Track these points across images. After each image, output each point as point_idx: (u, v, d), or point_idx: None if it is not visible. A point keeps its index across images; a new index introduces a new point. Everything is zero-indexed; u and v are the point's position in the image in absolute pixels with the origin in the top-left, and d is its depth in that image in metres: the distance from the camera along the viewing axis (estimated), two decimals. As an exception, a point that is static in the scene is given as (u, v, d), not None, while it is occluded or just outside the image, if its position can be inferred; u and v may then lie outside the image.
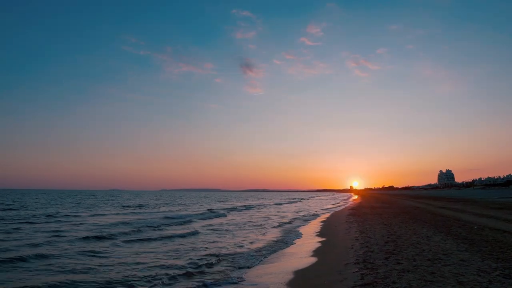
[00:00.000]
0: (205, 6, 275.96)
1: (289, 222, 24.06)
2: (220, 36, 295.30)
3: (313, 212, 35.44)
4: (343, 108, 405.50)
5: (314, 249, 12.09)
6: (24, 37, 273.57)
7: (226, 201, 71.79)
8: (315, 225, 21.48)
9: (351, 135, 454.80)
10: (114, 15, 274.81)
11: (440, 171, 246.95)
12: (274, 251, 12.46)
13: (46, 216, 26.26)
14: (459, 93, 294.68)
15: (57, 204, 47.78)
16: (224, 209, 39.18)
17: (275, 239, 15.79)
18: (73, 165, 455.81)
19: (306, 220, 26.38)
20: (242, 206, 47.10)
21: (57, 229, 18.44)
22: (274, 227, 21.08)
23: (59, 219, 24.38)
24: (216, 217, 28.31)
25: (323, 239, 14.44)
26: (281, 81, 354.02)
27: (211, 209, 38.23)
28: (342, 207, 41.62)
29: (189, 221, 23.64)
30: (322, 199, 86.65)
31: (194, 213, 32.35)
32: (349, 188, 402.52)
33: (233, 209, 40.12)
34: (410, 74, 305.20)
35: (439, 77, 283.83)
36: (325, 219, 25.84)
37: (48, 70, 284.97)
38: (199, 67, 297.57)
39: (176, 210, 36.34)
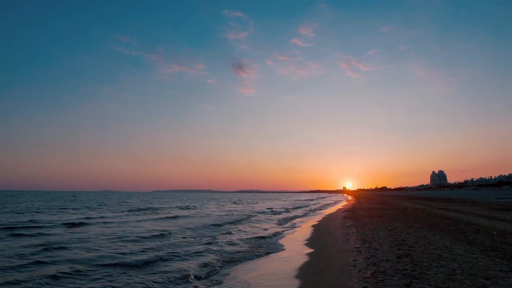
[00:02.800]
0: (196, 6, 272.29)
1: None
2: (212, 36, 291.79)
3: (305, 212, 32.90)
4: (336, 109, 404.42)
5: (300, 265, 9.47)
6: (17, 37, 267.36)
7: (240, 202, 66.63)
8: (305, 230, 18.88)
9: (344, 136, 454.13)
10: (105, 15, 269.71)
11: (433, 171, 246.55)
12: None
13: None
14: (450, 94, 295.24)
15: (93, 207, 43.62)
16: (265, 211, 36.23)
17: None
18: (65, 166, 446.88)
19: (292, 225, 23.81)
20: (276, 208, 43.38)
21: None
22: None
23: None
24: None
25: (313, 250, 11.83)
26: (274, 82, 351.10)
27: (230, 211, 36.03)
28: (336, 209, 39.16)
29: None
30: (322, 200, 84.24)
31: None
32: (342, 189, 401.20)
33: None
34: (401, 75, 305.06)
35: (431, 78, 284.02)
36: (317, 222, 23.30)
37: (41, 70, 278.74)
38: (191, 68, 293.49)
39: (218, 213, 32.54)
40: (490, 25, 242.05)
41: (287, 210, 38.64)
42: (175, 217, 27.20)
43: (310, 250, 11.63)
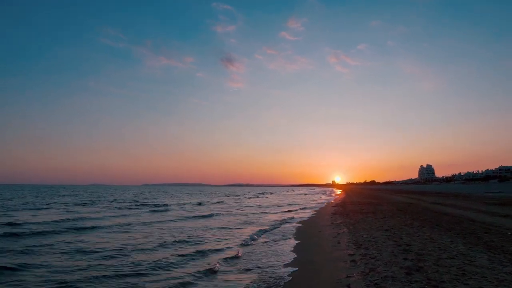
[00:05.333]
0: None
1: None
2: (200, 29, 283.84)
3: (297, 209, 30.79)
4: (326, 104, 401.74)
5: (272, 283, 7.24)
6: (4, 32, 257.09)
7: (245, 197, 62.58)
8: (288, 229, 16.71)
9: (334, 130, 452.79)
10: (92, 7, 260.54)
11: (421, 166, 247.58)
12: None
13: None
14: (438, 90, 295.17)
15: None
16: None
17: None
18: (52, 159, 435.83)
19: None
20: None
21: None
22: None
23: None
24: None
25: (294, 256, 9.60)
26: (263, 76, 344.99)
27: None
28: (325, 203, 37.23)
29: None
30: (309, 193, 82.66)
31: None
32: (331, 182, 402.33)
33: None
34: (390, 70, 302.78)
35: (419, 74, 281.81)
36: (307, 218, 21.19)
37: (29, 64, 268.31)
38: (179, 61, 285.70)
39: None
40: (480, 22, 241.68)
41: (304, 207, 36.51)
42: (210, 215, 23.68)
43: (291, 257, 9.38)
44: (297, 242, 11.85)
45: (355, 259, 7.53)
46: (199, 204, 37.94)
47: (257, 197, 61.93)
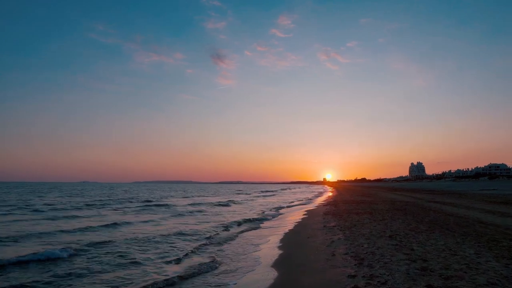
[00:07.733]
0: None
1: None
2: (190, 25, 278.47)
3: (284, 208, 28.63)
4: (316, 101, 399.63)
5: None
6: None
7: (248, 193, 58.86)
8: (274, 236, 14.54)
9: (324, 128, 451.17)
10: (80, 2, 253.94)
11: (412, 163, 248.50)
12: None
13: None
14: (429, 87, 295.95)
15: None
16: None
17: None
18: (41, 156, 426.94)
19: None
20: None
21: None
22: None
23: None
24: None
25: (274, 278, 7.38)
26: (254, 73, 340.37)
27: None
28: (317, 203, 35.22)
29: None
30: (302, 192, 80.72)
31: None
32: (322, 180, 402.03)
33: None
34: (381, 67, 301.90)
35: (410, 71, 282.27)
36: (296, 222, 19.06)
37: (18, 61, 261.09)
38: (169, 57, 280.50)
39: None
40: (471, 19, 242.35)
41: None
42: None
43: (270, 281, 7.12)
44: (280, 252, 9.66)
45: (358, 285, 5.39)
46: (224, 205, 33.21)
47: (272, 195, 58.71)
